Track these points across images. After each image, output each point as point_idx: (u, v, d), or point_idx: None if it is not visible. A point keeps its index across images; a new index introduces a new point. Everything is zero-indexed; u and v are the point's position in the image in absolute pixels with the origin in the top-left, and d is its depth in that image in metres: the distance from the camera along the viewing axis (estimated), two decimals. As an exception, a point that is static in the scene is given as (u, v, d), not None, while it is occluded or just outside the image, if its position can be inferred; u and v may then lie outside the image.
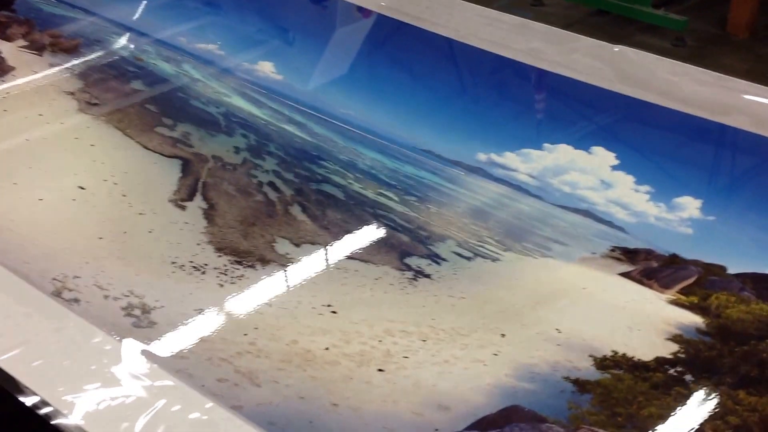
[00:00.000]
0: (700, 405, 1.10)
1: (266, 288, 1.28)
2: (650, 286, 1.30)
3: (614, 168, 1.52)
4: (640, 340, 1.20)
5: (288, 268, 1.31)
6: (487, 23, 1.92)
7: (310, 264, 1.33)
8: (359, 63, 1.94)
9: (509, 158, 1.55)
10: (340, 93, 1.78)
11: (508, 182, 1.50)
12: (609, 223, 1.42)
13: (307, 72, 1.88)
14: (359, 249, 1.36)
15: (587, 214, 1.44)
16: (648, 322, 1.24)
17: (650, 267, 1.34)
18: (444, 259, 1.33)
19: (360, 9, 2.13)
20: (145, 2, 2.09)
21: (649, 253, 1.36)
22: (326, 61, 1.94)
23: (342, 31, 2.13)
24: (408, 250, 1.35)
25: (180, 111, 1.67)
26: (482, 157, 1.56)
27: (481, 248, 1.36)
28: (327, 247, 1.36)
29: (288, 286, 1.29)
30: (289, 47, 1.99)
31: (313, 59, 1.94)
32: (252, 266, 1.31)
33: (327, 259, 1.34)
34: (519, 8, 1.99)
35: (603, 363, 1.16)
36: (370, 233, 1.39)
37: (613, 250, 1.37)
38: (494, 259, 1.34)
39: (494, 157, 1.55)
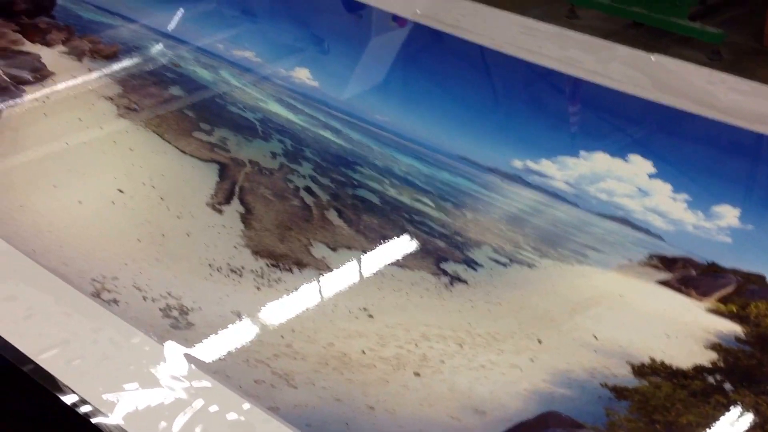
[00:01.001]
0: (739, 414, 1.08)
1: (303, 291, 1.29)
2: (688, 294, 1.29)
3: (651, 176, 1.51)
4: (679, 347, 1.19)
5: (324, 272, 1.32)
6: (523, 32, 1.92)
7: (347, 268, 1.34)
8: (395, 70, 1.95)
9: (545, 165, 1.54)
10: (375, 99, 1.79)
11: (544, 189, 1.50)
12: (646, 231, 1.41)
13: (343, 79, 1.89)
14: (395, 254, 1.36)
15: (624, 221, 1.43)
16: (686, 330, 1.23)
17: (688, 275, 1.33)
18: (480, 265, 1.33)
19: (395, 18, 2.15)
20: (183, 10, 2.12)
21: (687, 262, 1.35)
22: (362, 68, 1.96)
23: (377, 39, 2.14)
24: (444, 255, 1.35)
25: (217, 116, 1.69)
26: (518, 164, 1.56)
27: (517, 254, 1.35)
28: (363, 251, 1.36)
29: (324, 289, 1.30)
30: (324, 55, 2.01)
31: (349, 66, 1.95)
32: (289, 270, 1.32)
33: (363, 264, 1.35)
34: (554, 20, 1.99)
35: (641, 370, 1.15)
36: (406, 238, 1.39)
37: (650, 258, 1.36)
38: (530, 266, 1.34)
39: (530, 164, 1.55)
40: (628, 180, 1.50)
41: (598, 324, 1.23)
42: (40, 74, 1.79)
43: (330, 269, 1.33)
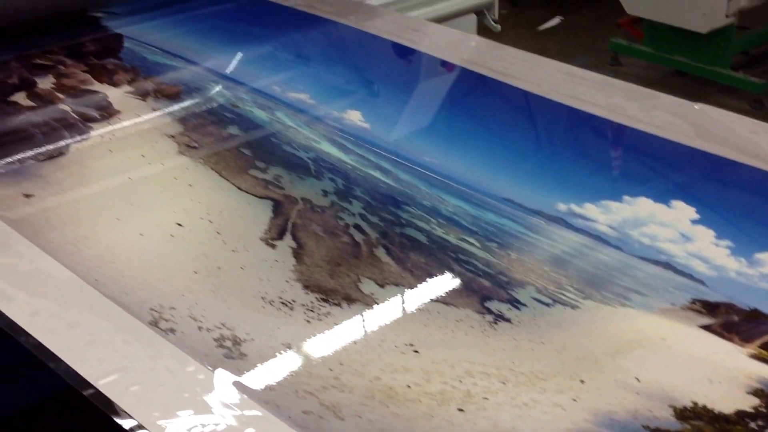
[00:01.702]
0: (781, 460, 1.09)
1: (351, 325, 1.33)
2: (731, 340, 1.31)
3: (694, 222, 1.53)
4: (721, 392, 1.21)
5: (372, 308, 1.36)
6: (569, 80, 1.97)
7: (394, 304, 1.38)
8: (442, 113, 2.00)
9: (589, 209, 1.57)
10: (424, 141, 1.83)
11: (587, 232, 1.53)
12: (689, 276, 1.43)
13: (393, 121, 1.94)
14: (441, 292, 1.40)
15: (667, 266, 1.45)
16: (729, 375, 1.24)
17: (731, 320, 1.34)
18: (524, 305, 1.36)
19: (443, 63, 2.21)
20: (241, 53, 2.20)
21: (729, 307, 1.36)
22: (411, 111, 2.01)
23: (426, 84, 2.20)
24: (489, 294, 1.39)
25: (272, 155, 1.75)
26: (562, 207, 1.59)
27: (560, 295, 1.38)
28: (410, 288, 1.40)
29: (372, 324, 1.34)
30: (375, 98, 2.07)
31: (399, 109, 2.01)
32: (338, 304, 1.36)
33: (410, 301, 1.39)
34: (598, 68, 2.04)
35: (683, 413, 1.16)
36: (452, 277, 1.43)
37: (693, 303, 1.38)
38: (574, 307, 1.36)
39: (574, 207, 1.58)
40: (671, 225, 1.52)
41: (641, 366, 1.25)
42: (107, 112, 1.87)
43: (378, 305, 1.37)
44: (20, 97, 1.93)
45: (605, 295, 1.38)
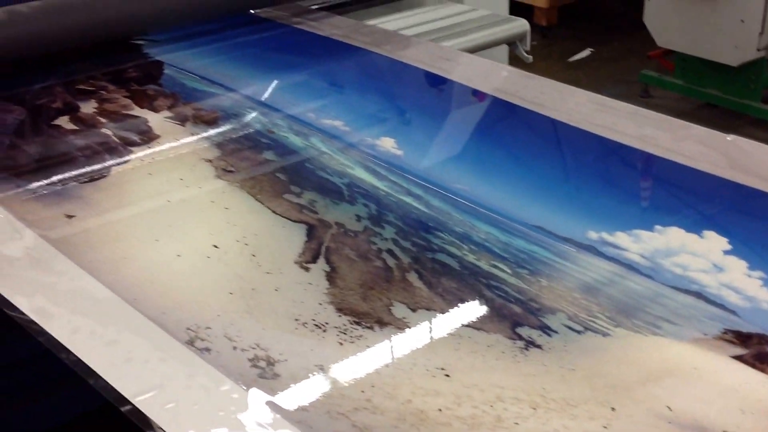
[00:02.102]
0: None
1: (383, 348, 1.35)
2: (763, 370, 1.30)
3: (726, 253, 1.53)
4: (753, 423, 1.20)
5: (404, 331, 1.38)
6: (600, 109, 1.98)
7: (425, 328, 1.39)
8: (475, 142, 2.02)
9: (620, 238, 1.58)
10: (456, 169, 1.86)
11: (618, 260, 1.53)
12: (721, 306, 1.43)
13: (425, 148, 1.97)
14: (473, 317, 1.41)
15: (698, 295, 1.45)
16: (761, 406, 1.24)
17: (763, 351, 1.34)
18: (555, 331, 1.37)
19: (475, 93, 2.24)
20: (277, 81, 2.25)
21: (762, 338, 1.36)
22: (443, 138, 2.04)
23: (458, 112, 2.23)
24: (520, 320, 1.40)
25: (307, 180, 1.79)
26: (593, 235, 1.60)
27: (591, 323, 1.39)
28: (442, 313, 1.42)
29: (404, 347, 1.35)
30: (408, 126, 2.10)
31: (432, 137, 2.04)
32: (370, 327, 1.38)
33: (441, 325, 1.40)
34: (628, 99, 2.05)
35: (714, 443, 1.16)
36: (483, 302, 1.44)
37: (725, 333, 1.38)
38: (604, 334, 1.37)
39: (605, 236, 1.59)
40: (703, 255, 1.52)
41: (672, 395, 1.25)
42: (147, 137, 1.92)
43: (409, 328, 1.38)
44: (64, 121, 1.99)
45: (636, 323, 1.39)
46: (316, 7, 2.73)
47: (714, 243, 1.56)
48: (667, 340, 1.36)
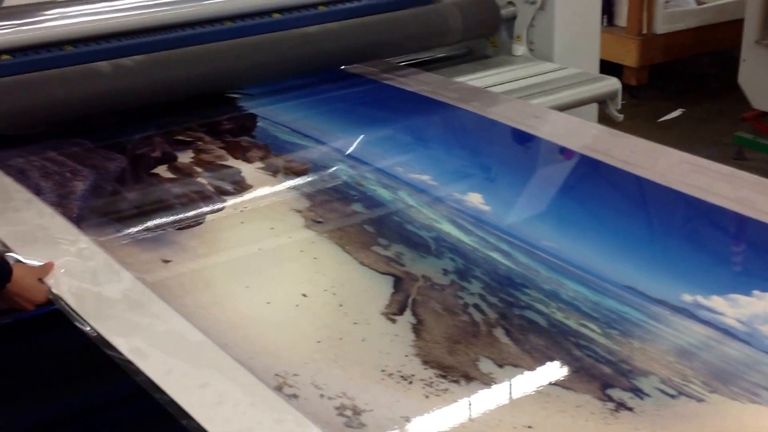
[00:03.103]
0: None
1: (469, 403, 1.34)
2: None
3: (828, 321, 1.47)
4: None
5: (490, 387, 1.36)
6: (694, 170, 1.95)
7: (512, 385, 1.37)
8: (563, 198, 2.01)
9: (716, 302, 1.54)
10: (543, 225, 1.85)
11: (714, 325, 1.49)
12: (823, 376, 1.37)
13: (513, 204, 1.97)
14: (561, 375, 1.39)
15: (799, 364, 1.40)
16: None
17: None
18: (647, 395, 1.33)
19: (562, 150, 2.23)
20: (365, 135, 2.29)
21: None
22: (531, 195, 2.03)
23: (546, 169, 2.23)
24: (610, 381, 1.37)
25: (395, 233, 1.80)
26: (687, 298, 1.56)
27: (685, 387, 1.35)
28: (529, 370, 1.40)
29: (490, 403, 1.34)
30: (496, 181, 2.10)
31: (519, 193, 2.03)
32: (456, 381, 1.37)
33: (528, 382, 1.38)
34: (720, 162, 2.02)
35: None
36: (572, 362, 1.41)
37: (828, 404, 1.32)
38: (699, 400, 1.32)
39: (700, 299, 1.55)
40: (804, 322, 1.47)
41: (771, 466, 1.20)
42: (240, 186, 1.98)
43: (496, 384, 1.37)
44: (162, 170, 2.07)
45: (733, 390, 1.34)
46: (404, 63, 2.78)
47: (815, 310, 1.50)
48: (765, 408, 1.31)
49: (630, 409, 1.31)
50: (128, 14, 2.44)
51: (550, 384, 1.37)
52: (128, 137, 2.23)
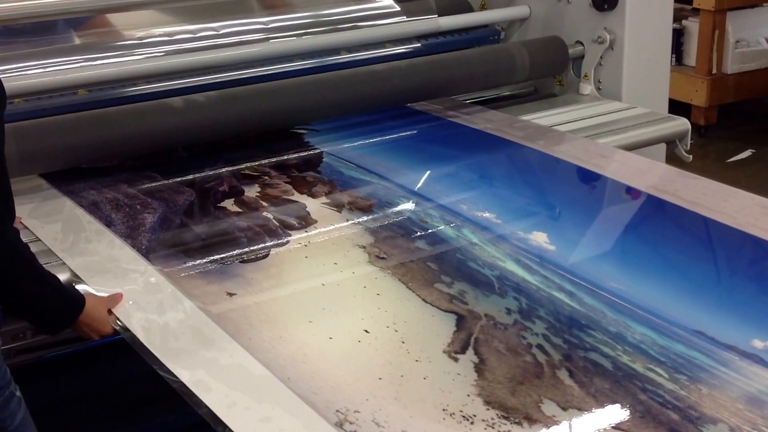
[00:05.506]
0: None
1: (532, 446, 1.32)
2: None
3: None
4: None
5: (553, 430, 1.34)
6: (765, 213, 1.90)
7: (576, 428, 1.35)
8: (630, 239, 1.98)
9: (788, 348, 1.49)
10: (610, 266, 1.82)
11: (786, 372, 1.44)
12: None
13: (579, 244, 1.94)
14: (626, 420, 1.35)
15: None
16: None
17: None
18: (716, 443, 1.29)
19: (629, 190, 2.20)
20: (430, 172, 2.30)
21: None
22: (597, 235, 2.01)
23: (612, 209, 2.19)
24: (677, 428, 1.33)
25: (458, 270, 1.80)
26: (758, 344, 1.51)
27: (757, 437, 1.30)
28: (593, 413, 1.37)
29: (553, 447, 1.32)
30: (561, 221, 2.08)
31: (585, 233, 2.01)
32: (518, 423, 1.35)
33: (593, 426, 1.35)
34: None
35: None
36: (638, 406, 1.38)
37: None
38: (771, 450, 1.28)
39: (772, 345, 1.50)
40: None
41: None
42: (305, 221, 2.00)
43: (558, 427, 1.34)
44: (229, 203, 2.11)
45: (808, 441, 1.29)
46: (470, 101, 2.79)
47: None
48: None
49: (699, 457, 1.27)
50: (201, 52, 2.51)
51: (615, 428, 1.34)
52: (197, 171, 2.28)
